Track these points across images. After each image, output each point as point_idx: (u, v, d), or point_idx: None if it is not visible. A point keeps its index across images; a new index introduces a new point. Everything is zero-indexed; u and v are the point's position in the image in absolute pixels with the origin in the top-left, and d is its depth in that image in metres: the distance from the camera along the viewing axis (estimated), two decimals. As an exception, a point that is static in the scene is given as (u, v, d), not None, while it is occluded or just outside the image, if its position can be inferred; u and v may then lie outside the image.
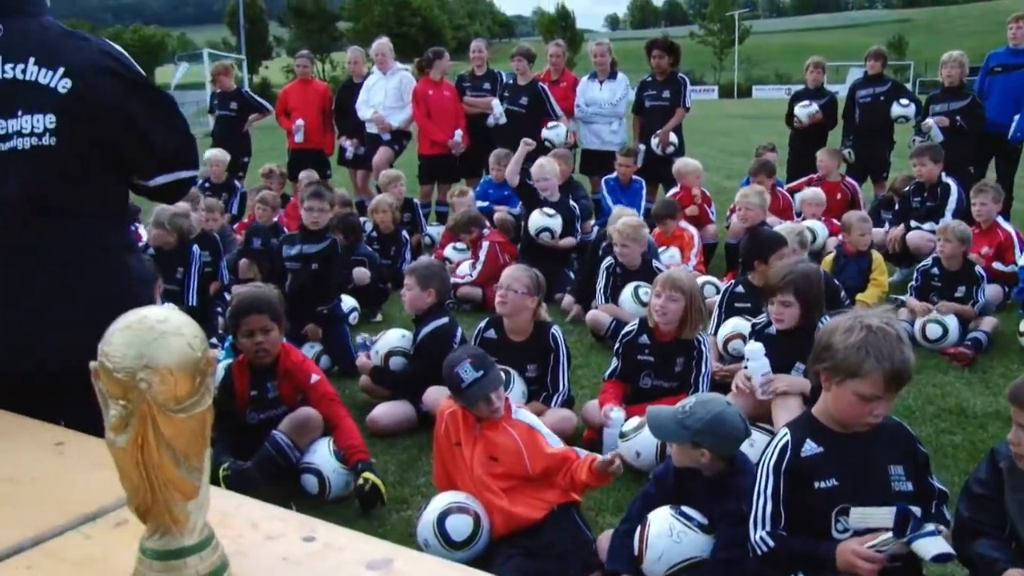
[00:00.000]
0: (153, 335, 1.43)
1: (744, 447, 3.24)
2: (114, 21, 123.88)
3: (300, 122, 10.18)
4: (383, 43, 9.94)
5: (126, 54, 2.44)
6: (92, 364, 1.45)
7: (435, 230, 9.26)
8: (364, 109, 9.79)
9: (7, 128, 2.28)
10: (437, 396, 4.40)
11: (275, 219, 8.06)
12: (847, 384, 2.56)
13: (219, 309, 6.29)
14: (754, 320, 4.73)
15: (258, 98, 11.47)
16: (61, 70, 2.30)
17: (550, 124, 9.13)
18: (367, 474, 3.84)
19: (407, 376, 4.87)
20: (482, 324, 4.78)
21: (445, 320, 4.88)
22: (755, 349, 4.16)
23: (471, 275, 7.11)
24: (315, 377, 4.16)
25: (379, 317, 6.73)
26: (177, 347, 1.44)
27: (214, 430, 1.39)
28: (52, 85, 2.30)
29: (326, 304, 5.79)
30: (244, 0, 56.79)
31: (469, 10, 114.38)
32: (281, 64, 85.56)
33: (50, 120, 2.29)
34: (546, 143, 8.87)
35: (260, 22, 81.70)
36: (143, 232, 7.95)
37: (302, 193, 6.07)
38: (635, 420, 4.14)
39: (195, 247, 6.42)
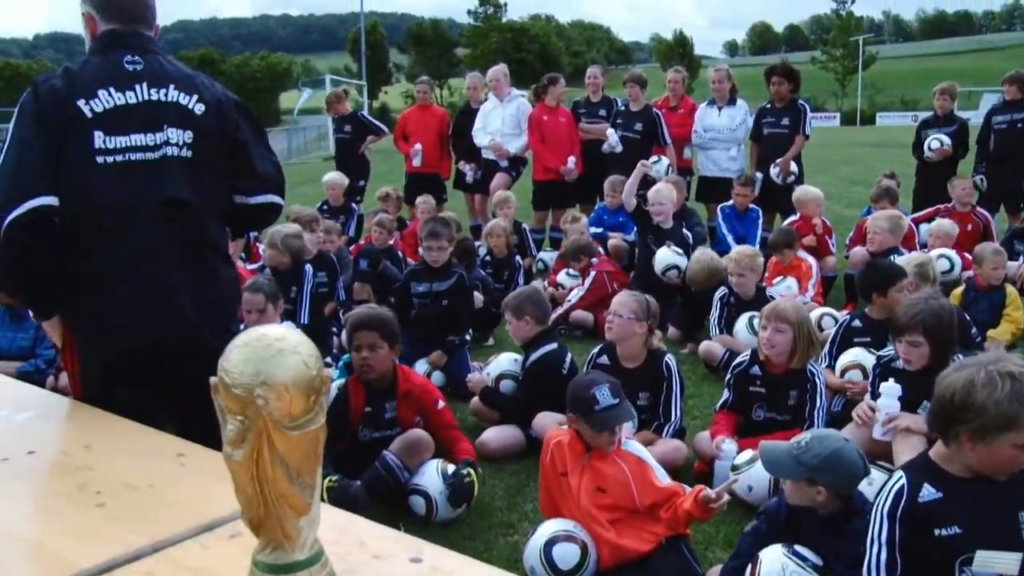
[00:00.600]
0: (270, 352, 1.46)
1: (862, 486, 3.11)
2: (243, 49, 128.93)
3: (418, 147, 10.36)
4: (499, 70, 10.05)
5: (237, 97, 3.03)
6: (212, 379, 1.49)
7: (548, 256, 9.27)
8: (481, 136, 9.90)
9: (157, 139, 2.75)
10: (546, 422, 4.42)
11: (390, 242, 8.20)
12: (1003, 438, 2.38)
13: (334, 329, 6.43)
14: (880, 353, 4.53)
15: (373, 120, 11.74)
16: (196, 96, 2.84)
17: (652, 158, 9.12)
18: (470, 470, 3.94)
19: (517, 400, 4.87)
20: (595, 350, 4.76)
21: (554, 346, 4.88)
22: (891, 389, 3.96)
23: (571, 301, 7.10)
24: (441, 404, 4.28)
25: (491, 341, 6.77)
26: (293, 365, 1.47)
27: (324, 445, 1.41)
28: (190, 107, 2.82)
29: (458, 335, 5.91)
30: (366, 28, 58.35)
31: (586, 37, 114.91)
32: (400, 90, 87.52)
33: (188, 136, 2.80)
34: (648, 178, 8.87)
35: (381, 49, 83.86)
36: (261, 250, 8.22)
37: (420, 232, 6.14)
38: (747, 453, 4.04)
39: (308, 267, 6.58)
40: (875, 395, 4.08)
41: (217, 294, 2.91)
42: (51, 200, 2.62)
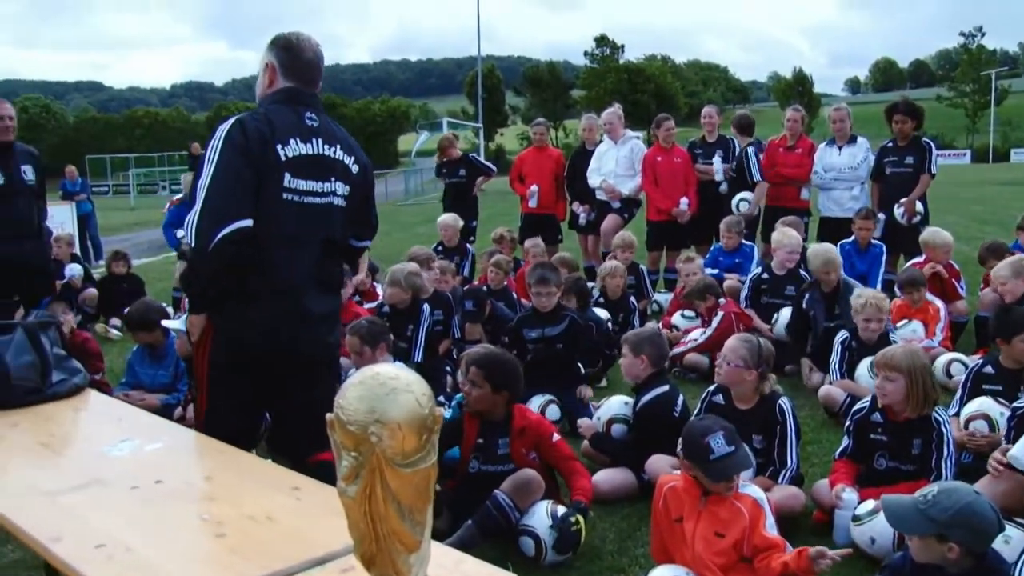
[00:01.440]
0: (384, 391, 1.50)
1: (997, 543, 2.94)
2: (364, 93, 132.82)
3: (534, 188, 10.44)
4: (613, 112, 10.07)
5: None
6: (328, 416, 1.53)
7: (663, 297, 9.18)
8: (594, 177, 9.91)
9: (325, 188, 3.36)
10: (659, 465, 4.35)
11: (505, 283, 8.26)
12: None
13: (448, 368, 6.51)
14: (1016, 405, 4.29)
15: (483, 161, 12.00)
16: (353, 158, 3.49)
17: (740, 194, 9.11)
18: (580, 517, 3.89)
19: (628, 444, 4.82)
20: (711, 388, 4.68)
21: (666, 388, 4.81)
22: None
23: (696, 340, 6.99)
24: (556, 436, 4.30)
25: (604, 382, 6.72)
26: (406, 403, 1.50)
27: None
28: (349, 165, 3.47)
29: (572, 379, 5.92)
30: (483, 71, 59.45)
31: (703, 77, 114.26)
32: (516, 132, 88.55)
33: (347, 189, 3.44)
34: (735, 210, 9.00)
35: (497, 92, 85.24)
36: (379, 290, 8.40)
37: (528, 278, 6.18)
38: (870, 503, 3.88)
39: (426, 306, 6.68)
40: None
41: (334, 318, 3.59)
42: (249, 223, 3.13)
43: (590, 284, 8.17)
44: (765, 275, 7.45)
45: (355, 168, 3.48)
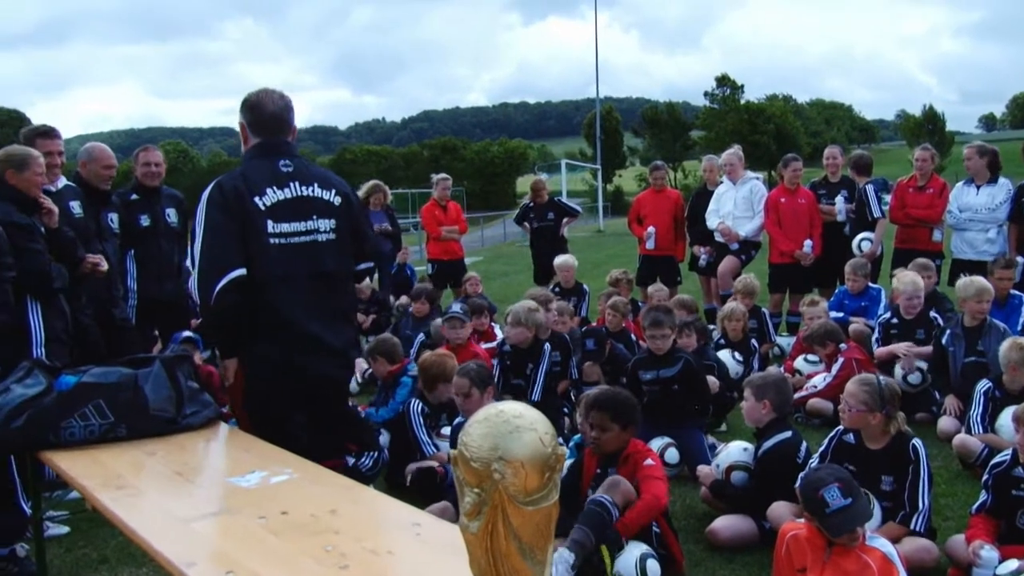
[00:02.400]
0: (508, 428, 1.51)
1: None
2: (483, 135, 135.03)
3: (651, 230, 10.40)
4: (733, 153, 9.97)
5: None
6: (452, 451, 1.56)
7: (785, 341, 8.97)
8: (712, 219, 9.82)
9: (308, 227, 3.69)
10: (781, 512, 4.23)
11: (623, 325, 8.22)
12: None
13: (565, 408, 6.50)
14: None
15: (569, 203, 12.34)
16: (334, 191, 3.80)
17: (861, 235, 8.92)
18: (605, 549, 3.88)
19: (749, 492, 4.69)
20: (841, 427, 4.52)
21: (789, 434, 4.68)
22: None
23: (817, 387, 6.80)
24: (650, 461, 4.31)
25: (724, 427, 6.59)
26: (530, 442, 1.51)
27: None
28: (330, 200, 3.77)
29: (690, 421, 5.82)
30: (601, 112, 59.71)
31: (826, 116, 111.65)
32: (634, 173, 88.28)
33: (330, 223, 3.75)
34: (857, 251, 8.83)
35: (616, 133, 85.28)
36: (497, 330, 8.47)
37: (643, 321, 6.12)
38: (1013, 563, 3.67)
39: (547, 345, 6.70)
40: None
41: (343, 341, 3.87)
42: (243, 271, 3.53)
43: (711, 327, 8.06)
44: (894, 319, 7.18)
45: (336, 200, 3.79)
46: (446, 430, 5.65)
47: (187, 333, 6.74)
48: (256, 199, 3.58)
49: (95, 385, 3.53)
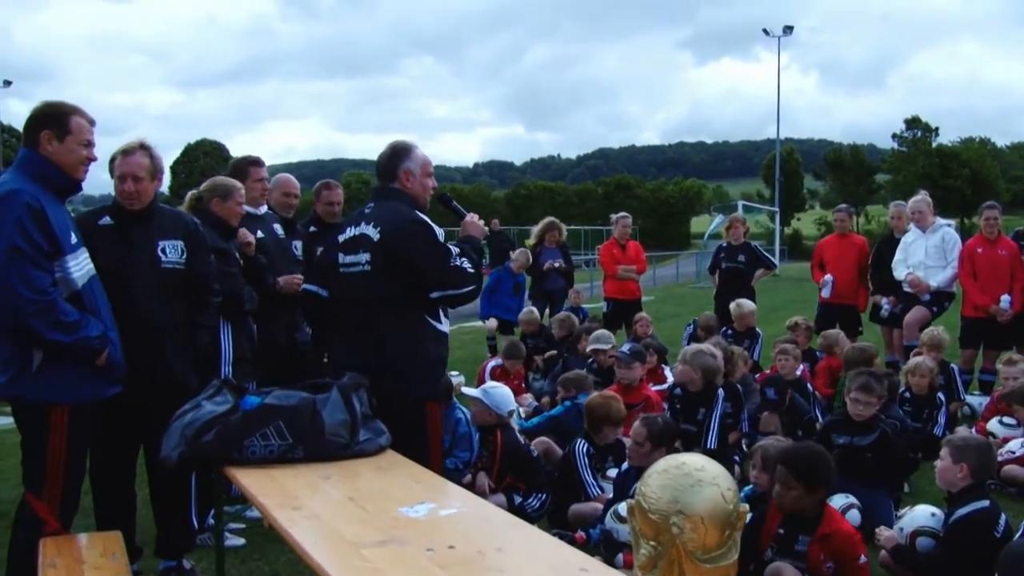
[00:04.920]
0: (689, 481, 1.45)
1: None
2: (657, 174, 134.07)
3: (828, 278, 10.00)
4: (921, 199, 9.46)
5: (421, 217, 4.25)
6: (629, 501, 1.50)
7: (977, 400, 8.38)
8: (900, 268, 9.33)
9: (354, 260, 4.27)
10: (971, 588, 3.93)
11: (798, 372, 7.90)
12: None
13: (737, 459, 6.28)
14: None
15: (766, 254, 11.68)
16: (378, 228, 4.21)
17: None
18: None
19: (937, 560, 4.37)
20: None
21: (986, 504, 4.33)
22: None
23: (1014, 453, 6.29)
24: (863, 559, 4.05)
25: (906, 488, 6.19)
26: (711, 497, 1.44)
27: None
28: (371, 235, 4.22)
29: (878, 483, 5.53)
30: (782, 154, 58.28)
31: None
32: (813, 216, 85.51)
33: (366, 256, 4.23)
34: None
35: (796, 175, 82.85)
36: (667, 372, 8.32)
37: (850, 382, 5.81)
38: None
39: (720, 391, 6.49)
40: None
41: (374, 359, 4.17)
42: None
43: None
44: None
45: (375, 235, 4.20)
46: (611, 471, 5.57)
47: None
48: (338, 237, 4.47)
49: (277, 407, 3.67)
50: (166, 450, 3.66)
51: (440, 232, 4.26)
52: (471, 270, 4.25)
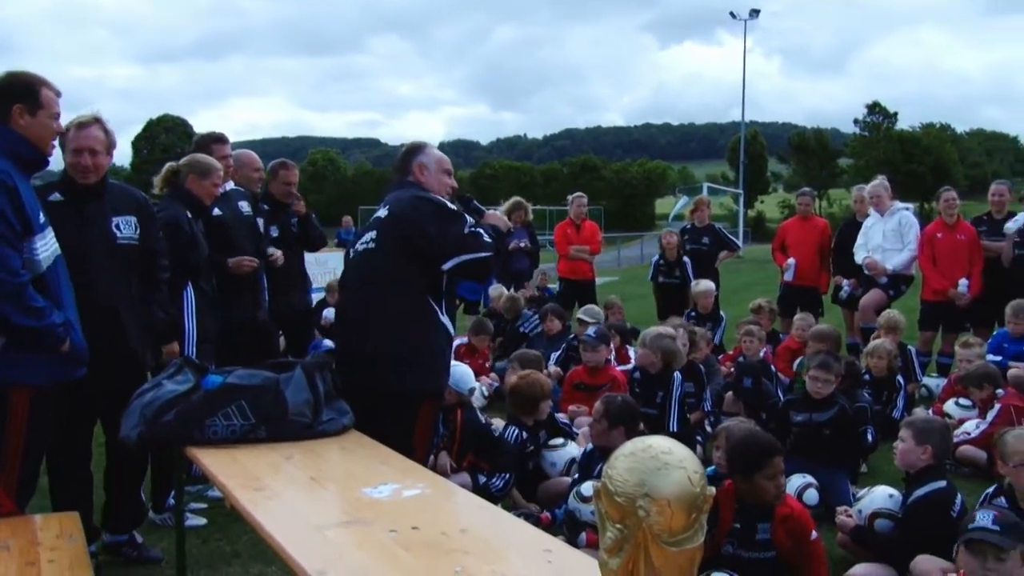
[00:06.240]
0: (656, 464, 1.44)
1: None
2: (623, 156, 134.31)
3: (791, 261, 10.10)
4: (877, 184, 9.55)
5: (432, 195, 4.17)
6: (595, 483, 1.49)
7: (934, 382, 8.52)
8: (860, 252, 9.43)
9: (362, 240, 4.21)
10: (927, 567, 3.99)
11: (761, 353, 7.98)
12: None
13: (699, 439, 6.32)
14: None
15: (730, 236, 11.75)
16: (387, 209, 4.18)
17: None
18: None
19: (894, 540, 4.43)
20: (991, 490, 4.33)
21: (943, 484, 4.39)
22: None
23: (969, 434, 6.40)
24: (815, 534, 4.09)
25: (864, 468, 6.27)
26: (678, 480, 1.43)
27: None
28: (381, 216, 4.19)
29: (834, 463, 5.59)
30: (747, 136, 58.60)
31: (986, 147, 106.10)
32: (777, 199, 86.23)
33: (373, 234, 4.15)
34: None
35: (760, 158, 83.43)
36: (631, 352, 8.36)
37: (809, 360, 5.88)
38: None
39: (677, 374, 6.51)
40: None
41: (377, 344, 4.03)
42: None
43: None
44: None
45: (384, 214, 4.17)
46: (556, 442, 5.66)
47: (327, 342, 6.90)
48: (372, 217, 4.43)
49: (239, 387, 3.63)
50: (125, 430, 3.61)
51: (452, 205, 4.17)
52: (487, 240, 4.07)
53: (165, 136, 73.00)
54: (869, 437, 6.24)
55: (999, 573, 3.14)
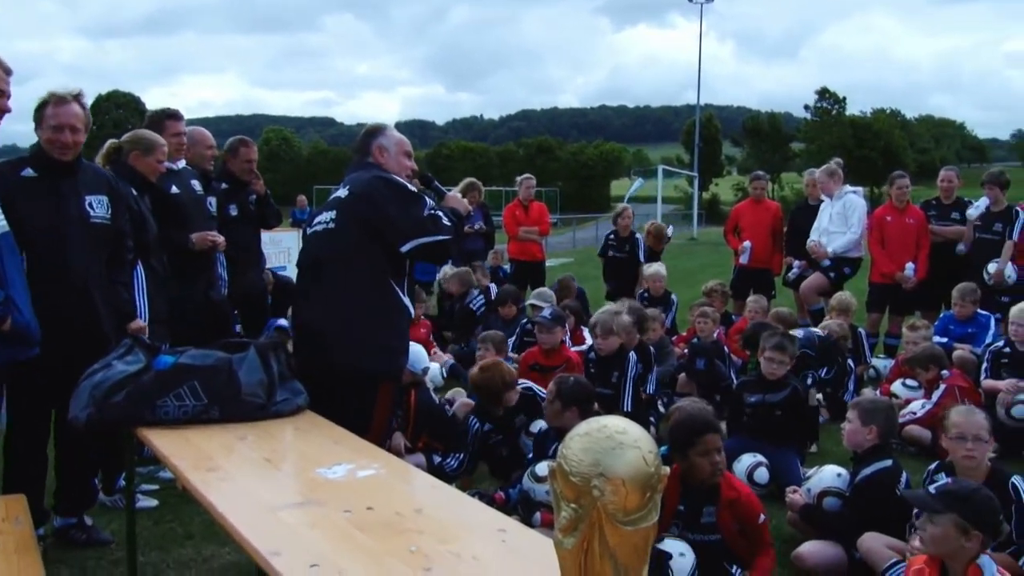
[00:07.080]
0: (611, 444, 1.45)
1: None
2: (580, 137, 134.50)
3: (747, 244, 10.22)
4: (826, 168, 9.70)
5: (393, 176, 4.08)
6: (550, 463, 1.50)
7: (882, 363, 8.68)
8: (814, 235, 9.56)
9: (323, 218, 4.06)
10: (874, 545, 4.07)
11: (715, 334, 8.07)
12: None
13: (652, 419, 6.39)
14: None
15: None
16: (347, 188, 4.07)
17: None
18: None
19: (842, 519, 4.52)
20: (932, 467, 4.42)
21: (889, 463, 4.49)
22: None
23: (915, 413, 6.54)
24: (763, 518, 4.14)
25: (814, 448, 6.38)
26: (633, 460, 1.44)
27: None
28: (341, 196, 4.07)
29: (784, 443, 5.67)
30: (701, 120, 58.96)
31: (935, 133, 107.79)
32: (731, 182, 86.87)
33: (333, 213, 4.02)
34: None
35: (715, 141, 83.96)
36: (586, 334, 8.39)
37: (764, 342, 5.95)
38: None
39: (632, 354, 6.58)
40: None
41: (336, 323, 3.92)
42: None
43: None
44: (1007, 348, 6.85)
45: (344, 194, 4.06)
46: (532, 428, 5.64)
47: (281, 322, 6.84)
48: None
49: (191, 367, 3.58)
50: (74, 411, 3.54)
51: (412, 187, 4.11)
52: (447, 223, 4.01)
53: (115, 112, 71.43)
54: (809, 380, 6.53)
55: (933, 537, 3.25)
